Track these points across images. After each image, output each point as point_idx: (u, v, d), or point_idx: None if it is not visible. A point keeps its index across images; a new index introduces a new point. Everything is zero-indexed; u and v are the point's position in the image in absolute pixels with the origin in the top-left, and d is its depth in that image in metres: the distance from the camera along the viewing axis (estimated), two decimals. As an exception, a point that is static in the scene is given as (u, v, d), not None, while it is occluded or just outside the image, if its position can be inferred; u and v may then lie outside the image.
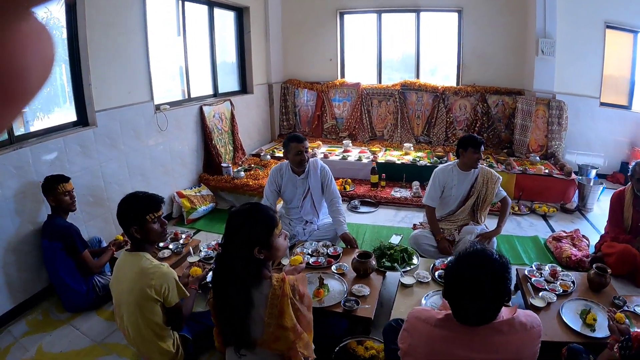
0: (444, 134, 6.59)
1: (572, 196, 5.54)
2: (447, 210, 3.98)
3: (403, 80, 6.89)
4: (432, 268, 3.22)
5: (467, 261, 1.68)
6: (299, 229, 3.91)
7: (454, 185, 3.85)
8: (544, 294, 2.96)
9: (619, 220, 4.00)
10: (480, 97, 6.46)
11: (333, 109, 7.21)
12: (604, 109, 6.83)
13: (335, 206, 3.78)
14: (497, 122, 6.47)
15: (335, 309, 2.75)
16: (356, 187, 5.77)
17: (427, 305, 2.75)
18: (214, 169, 5.57)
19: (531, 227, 4.96)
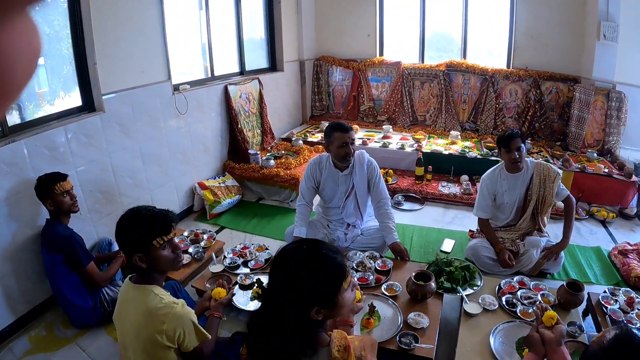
0: (492, 121, 6.21)
1: (631, 200, 5.18)
2: (505, 220, 3.61)
3: (448, 61, 6.47)
4: (498, 291, 2.87)
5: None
6: (339, 233, 3.51)
7: (505, 191, 3.48)
8: None
9: None
10: (533, 83, 6.04)
11: (370, 89, 6.83)
12: None
13: (384, 209, 3.37)
14: (549, 111, 6.09)
15: (388, 346, 2.35)
16: (399, 180, 5.43)
17: (496, 342, 2.42)
18: (240, 156, 5.25)
19: (592, 235, 4.60)
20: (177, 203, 4.56)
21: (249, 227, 4.43)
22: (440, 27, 6.99)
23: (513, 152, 3.30)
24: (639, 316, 2.77)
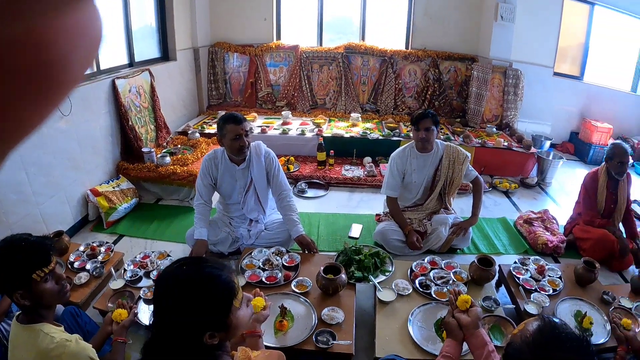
0: (392, 101, 6.11)
1: (531, 170, 5.39)
2: (412, 200, 3.61)
3: (347, 43, 6.23)
4: (410, 274, 2.82)
5: (548, 355, 1.21)
6: (242, 230, 3.28)
7: (414, 170, 3.47)
8: (536, 296, 2.76)
9: (592, 203, 3.90)
10: (431, 63, 6.03)
11: (268, 75, 6.42)
12: (557, 78, 6.82)
13: (286, 201, 3.19)
14: (448, 89, 6.15)
15: (305, 347, 2.19)
16: (301, 167, 5.12)
17: (415, 327, 2.35)
18: (134, 156, 4.67)
19: (496, 206, 4.70)
20: (70, 214, 3.89)
21: (149, 232, 3.97)
22: (339, 10, 6.75)
23: (421, 132, 3.29)
24: (551, 283, 2.89)
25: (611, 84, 7.41)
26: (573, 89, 6.86)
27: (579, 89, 6.89)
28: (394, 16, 6.48)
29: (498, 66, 5.87)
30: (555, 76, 6.68)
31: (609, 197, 3.84)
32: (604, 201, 3.84)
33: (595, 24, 6.95)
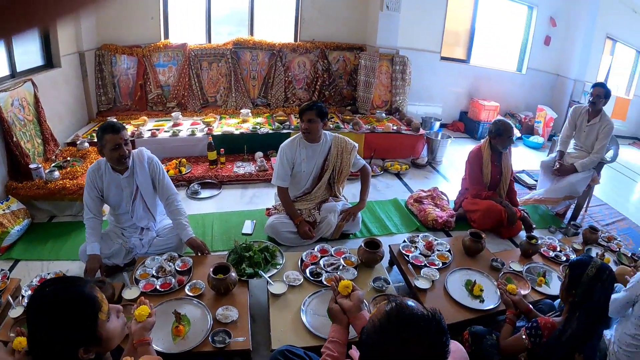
0: (282, 94, 6.09)
1: (421, 151, 5.61)
2: (302, 189, 3.67)
3: (235, 38, 6.09)
4: (301, 264, 2.87)
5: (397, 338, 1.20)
6: (134, 240, 3.18)
7: (303, 160, 3.52)
8: (426, 271, 2.88)
9: (478, 177, 4.11)
10: (320, 54, 6.06)
11: (157, 75, 6.17)
12: (444, 63, 7.06)
13: (174, 205, 3.14)
14: (338, 79, 6.22)
15: (203, 349, 2.19)
16: (193, 168, 4.97)
17: (308, 316, 2.44)
18: (22, 174, 4.26)
19: (388, 188, 4.84)
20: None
21: (45, 252, 3.67)
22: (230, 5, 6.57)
23: (304, 123, 3.36)
24: (440, 257, 3.06)
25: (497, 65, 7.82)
26: (460, 72, 7.19)
27: (466, 71, 7.23)
28: (283, 9, 6.44)
29: (385, 54, 6.01)
30: (442, 60, 6.97)
31: (494, 169, 4.07)
32: (490, 174, 4.06)
33: (481, 9, 7.31)
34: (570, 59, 8.57)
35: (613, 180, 7.22)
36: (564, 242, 3.80)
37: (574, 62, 8.53)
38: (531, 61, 8.19)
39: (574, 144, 4.88)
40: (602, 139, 4.51)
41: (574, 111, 4.79)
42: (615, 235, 4.23)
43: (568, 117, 4.87)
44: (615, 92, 10.73)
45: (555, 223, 4.58)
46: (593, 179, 4.63)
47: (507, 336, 2.28)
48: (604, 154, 4.69)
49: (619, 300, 2.52)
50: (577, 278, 2.03)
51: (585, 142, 4.69)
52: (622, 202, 6.06)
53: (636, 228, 5.18)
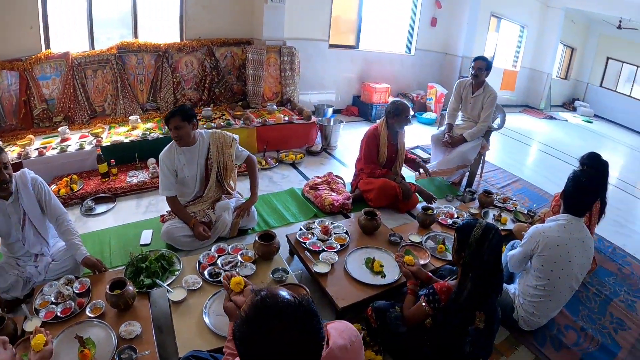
0: (172, 96, 5.98)
1: (315, 138, 5.76)
2: (192, 194, 3.60)
3: (119, 42, 5.90)
4: (199, 267, 2.83)
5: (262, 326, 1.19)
6: (30, 269, 2.96)
7: (184, 165, 3.44)
8: (324, 255, 2.93)
9: (374, 156, 4.25)
10: (207, 51, 6.01)
11: (41, 89, 5.83)
12: (334, 50, 7.22)
13: (64, 225, 2.99)
14: (227, 75, 6.21)
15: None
16: (85, 183, 4.71)
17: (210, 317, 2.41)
18: None
19: (284, 179, 4.90)
20: None
21: None
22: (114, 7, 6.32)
23: (173, 131, 3.26)
24: (338, 239, 3.14)
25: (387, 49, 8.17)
26: (351, 57, 7.46)
27: (356, 56, 7.51)
28: (166, 8, 6.29)
29: (272, 46, 6.10)
30: (331, 48, 7.16)
31: (390, 148, 4.25)
32: (386, 152, 4.24)
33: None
34: (457, 38, 9.11)
35: (505, 145, 7.81)
36: (461, 208, 4.08)
37: (460, 40, 9.07)
38: (419, 42, 8.63)
39: (461, 116, 5.15)
40: (487, 108, 4.81)
41: (458, 85, 5.05)
42: (511, 196, 4.58)
43: (453, 90, 5.12)
44: (503, 65, 11.60)
45: (452, 192, 4.88)
46: (483, 147, 4.96)
47: (409, 306, 2.36)
48: (491, 122, 5.03)
49: (517, 256, 2.75)
50: (465, 241, 2.11)
51: (472, 113, 4.98)
52: (515, 165, 6.60)
53: (530, 187, 5.70)
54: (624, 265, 4.22)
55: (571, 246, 2.55)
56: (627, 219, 5.52)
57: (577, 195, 2.62)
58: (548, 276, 2.58)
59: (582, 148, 8.90)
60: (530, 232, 2.69)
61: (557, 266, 2.55)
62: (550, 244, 2.55)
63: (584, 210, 2.69)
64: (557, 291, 2.62)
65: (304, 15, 6.68)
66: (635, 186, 7.16)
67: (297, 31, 6.58)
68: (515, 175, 6.04)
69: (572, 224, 2.60)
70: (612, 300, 3.53)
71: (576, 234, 2.58)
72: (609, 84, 15.38)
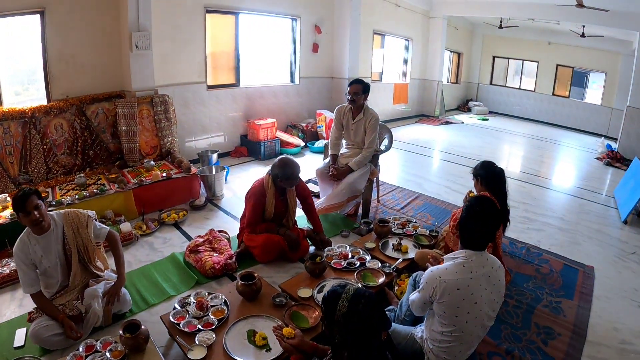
0: (44, 165, 5.62)
1: (199, 190, 5.63)
2: (57, 284, 3.24)
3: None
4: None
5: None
6: None
7: (42, 256, 3.09)
8: (201, 336, 2.69)
9: (258, 216, 4.10)
10: (76, 111, 5.80)
11: None
12: (213, 91, 7.29)
13: None
14: (101, 133, 5.97)
15: None
16: None
17: None
18: None
19: (165, 243, 4.58)
20: None
21: None
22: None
23: (32, 214, 2.92)
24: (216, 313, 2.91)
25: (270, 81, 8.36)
26: (232, 96, 7.60)
27: (237, 94, 7.66)
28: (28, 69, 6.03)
29: (143, 97, 6.01)
30: (210, 89, 7.22)
31: (278, 204, 4.14)
32: (274, 209, 4.11)
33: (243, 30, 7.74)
34: (341, 61, 9.54)
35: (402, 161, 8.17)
36: (356, 245, 4.03)
37: (345, 62, 9.50)
38: (303, 70, 8.95)
39: (345, 144, 5.14)
40: (370, 132, 4.78)
41: (337, 112, 5.03)
42: (410, 218, 4.61)
43: (333, 119, 5.11)
44: (393, 80, 12.23)
45: (347, 226, 4.83)
46: (372, 172, 4.96)
47: None
48: (378, 145, 5.06)
49: (416, 302, 2.58)
50: (331, 317, 1.87)
51: (356, 139, 4.98)
52: (414, 180, 6.82)
53: (432, 201, 5.86)
54: (540, 265, 4.26)
55: (474, 286, 2.33)
56: (535, 212, 5.79)
57: (474, 226, 2.38)
58: (453, 322, 2.37)
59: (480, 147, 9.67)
60: (426, 276, 2.46)
61: (462, 310, 2.34)
62: (449, 289, 2.32)
63: (485, 242, 2.42)
64: (467, 334, 2.40)
65: (176, 59, 6.69)
66: (538, 175, 7.78)
67: (171, 77, 6.59)
68: (415, 191, 6.17)
69: (473, 260, 2.37)
70: (535, 309, 3.51)
71: (479, 271, 2.35)
72: (498, 81, 16.98)
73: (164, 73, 6.42)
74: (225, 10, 7.35)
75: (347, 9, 9.25)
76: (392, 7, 11.23)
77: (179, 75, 6.74)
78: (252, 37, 8.04)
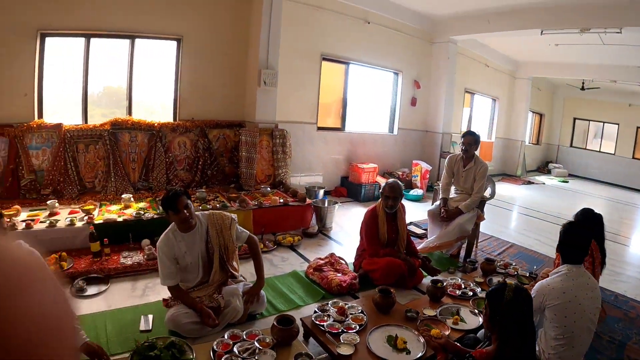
0: (164, 176, 6.26)
1: (311, 219, 6.07)
2: (196, 279, 3.55)
3: (113, 119, 6.20)
4: (214, 355, 2.77)
5: None
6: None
7: (185, 252, 3.41)
8: (345, 336, 2.98)
9: (374, 237, 4.48)
10: (200, 132, 6.40)
11: (30, 158, 5.96)
12: (321, 132, 7.77)
13: None
14: (219, 156, 6.62)
15: None
16: (75, 262, 4.66)
17: None
18: None
19: (284, 262, 5.03)
20: None
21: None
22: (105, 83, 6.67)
23: (182, 212, 3.26)
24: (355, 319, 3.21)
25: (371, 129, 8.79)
26: (337, 139, 8.04)
27: (342, 138, 8.10)
28: (161, 88, 6.75)
29: (265, 128, 6.57)
30: (319, 130, 7.71)
31: (389, 228, 4.51)
32: (386, 233, 4.49)
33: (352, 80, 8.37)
34: (435, 116, 9.88)
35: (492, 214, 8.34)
36: (465, 278, 4.34)
37: (439, 117, 9.84)
38: (401, 122, 9.35)
39: (454, 189, 5.58)
40: (480, 179, 5.28)
41: (449, 160, 5.55)
42: (510, 261, 4.96)
43: (445, 166, 5.59)
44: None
45: (452, 264, 5.18)
46: (479, 217, 5.38)
47: None
48: (484, 192, 5.48)
49: None
50: (497, 305, 2.28)
51: (465, 186, 5.43)
52: (506, 231, 7.19)
53: (525, 251, 6.19)
54: (629, 310, 4.62)
55: (577, 290, 2.72)
56: (621, 266, 6.06)
57: (570, 241, 2.86)
58: (564, 322, 2.70)
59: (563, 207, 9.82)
60: (536, 287, 2.87)
61: (569, 311, 2.69)
62: (556, 293, 2.72)
63: (581, 255, 2.87)
64: (576, 335, 2.72)
65: (293, 98, 7.30)
66: (619, 234, 7.92)
67: (287, 114, 7.15)
68: (508, 241, 6.51)
69: (573, 271, 2.80)
70: (626, 344, 3.85)
71: (579, 279, 2.77)
72: (578, 143, 16.82)
73: (280, 110, 6.97)
74: (338, 59, 8.10)
75: (444, 67, 9.75)
76: (482, 67, 11.67)
77: (294, 114, 7.33)
78: (358, 87, 8.65)
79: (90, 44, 6.26)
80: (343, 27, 7.95)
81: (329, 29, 7.76)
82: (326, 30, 7.72)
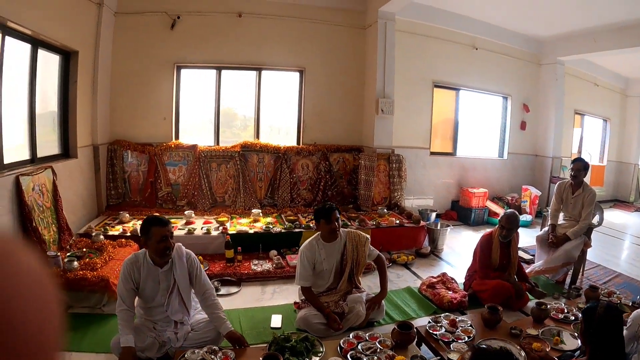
0: (288, 195, 6.93)
1: (424, 241, 6.37)
2: (326, 285, 4.04)
3: (243, 142, 6.97)
4: (341, 351, 3.15)
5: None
6: (169, 334, 3.34)
7: (324, 260, 3.92)
8: (455, 345, 3.25)
9: (487, 261, 4.73)
10: (322, 156, 7.01)
11: (168, 174, 6.85)
12: (433, 157, 8.12)
13: (211, 300, 3.37)
14: (339, 178, 7.18)
15: None
16: (210, 265, 5.36)
17: None
18: None
19: (399, 278, 5.43)
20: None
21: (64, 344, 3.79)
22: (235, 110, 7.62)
23: (333, 223, 3.81)
24: (464, 332, 3.44)
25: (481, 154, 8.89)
26: (449, 164, 8.24)
27: (453, 163, 8.33)
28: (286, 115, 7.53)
29: (382, 153, 7.02)
30: (432, 155, 8.07)
31: (502, 254, 4.72)
32: (498, 259, 4.70)
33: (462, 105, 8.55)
34: (545, 139, 9.71)
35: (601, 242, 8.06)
36: (569, 304, 4.35)
37: (549, 141, 9.65)
38: (510, 146, 9.32)
39: (562, 216, 5.63)
40: (587, 206, 5.28)
41: (558, 187, 5.61)
42: (614, 290, 4.87)
43: (554, 192, 5.68)
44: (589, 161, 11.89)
45: (557, 290, 5.22)
46: (585, 244, 5.36)
47: None
48: (591, 219, 5.46)
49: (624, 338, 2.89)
50: (590, 320, 2.46)
51: (573, 212, 5.45)
52: (613, 260, 6.91)
53: (631, 281, 5.94)
54: None
55: None
56: None
57: None
58: None
59: None
60: (633, 315, 2.91)
61: None
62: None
63: None
64: None
65: (407, 124, 7.70)
66: None
67: (401, 139, 7.55)
68: (615, 270, 6.28)
69: None
70: None
71: None
72: None
73: (395, 135, 7.36)
74: (449, 86, 8.41)
75: (552, 89, 9.53)
76: (590, 86, 11.10)
77: (407, 139, 7.73)
78: (469, 112, 8.84)
79: (221, 74, 7.15)
80: (452, 54, 8.23)
81: (439, 57, 8.07)
82: (436, 58, 8.05)
